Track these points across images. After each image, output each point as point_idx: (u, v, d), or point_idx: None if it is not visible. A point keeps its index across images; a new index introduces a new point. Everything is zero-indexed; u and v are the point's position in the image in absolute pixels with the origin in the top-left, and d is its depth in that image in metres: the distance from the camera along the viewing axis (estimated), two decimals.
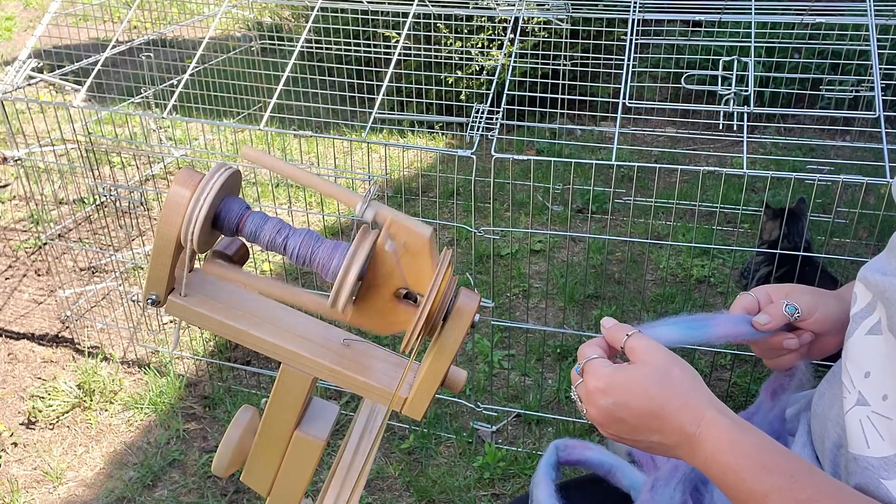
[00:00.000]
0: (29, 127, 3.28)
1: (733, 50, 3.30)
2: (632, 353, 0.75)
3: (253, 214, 0.67)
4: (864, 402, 0.72)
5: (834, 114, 2.25)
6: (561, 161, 2.98)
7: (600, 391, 0.73)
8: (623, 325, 0.77)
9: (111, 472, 1.98)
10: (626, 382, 0.72)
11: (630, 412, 0.71)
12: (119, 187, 2.20)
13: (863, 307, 0.77)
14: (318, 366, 0.71)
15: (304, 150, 3.55)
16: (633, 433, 0.73)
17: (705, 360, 2.29)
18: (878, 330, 0.73)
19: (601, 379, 0.73)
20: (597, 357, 0.76)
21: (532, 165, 2.00)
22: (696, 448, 0.69)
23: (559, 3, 2.44)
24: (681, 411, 0.70)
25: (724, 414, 0.70)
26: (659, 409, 0.70)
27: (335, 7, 3.09)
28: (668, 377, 0.71)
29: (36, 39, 2.15)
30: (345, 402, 2.13)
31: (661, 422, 0.70)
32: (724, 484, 0.68)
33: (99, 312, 2.52)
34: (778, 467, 0.66)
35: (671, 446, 0.71)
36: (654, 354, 0.73)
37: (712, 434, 0.68)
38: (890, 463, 0.68)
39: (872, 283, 0.75)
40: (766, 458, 0.67)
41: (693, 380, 0.72)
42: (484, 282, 2.60)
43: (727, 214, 3.05)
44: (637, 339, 0.75)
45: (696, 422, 0.69)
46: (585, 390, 0.74)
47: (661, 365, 0.72)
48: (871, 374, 0.73)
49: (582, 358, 0.77)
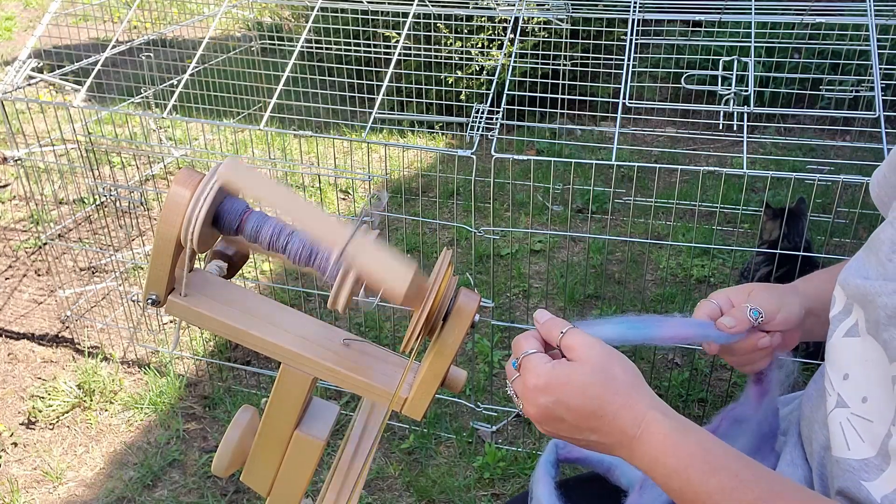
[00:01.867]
0: (29, 127, 3.28)
1: (733, 50, 3.30)
2: (569, 351, 0.71)
3: (253, 214, 0.67)
4: (844, 404, 0.72)
5: (834, 114, 2.25)
6: (561, 161, 2.98)
7: (539, 389, 0.70)
8: (559, 320, 0.74)
9: (111, 472, 1.98)
10: (567, 381, 0.69)
11: (569, 411, 0.69)
12: (119, 187, 2.20)
13: (840, 310, 0.77)
14: (318, 366, 0.71)
15: (304, 150, 3.55)
16: (571, 432, 0.71)
17: (705, 360, 2.29)
18: (856, 332, 0.73)
19: (540, 376, 0.70)
20: (535, 352, 0.72)
21: (532, 165, 2.00)
22: (636, 450, 0.68)
23: (559, 3, 2.44)
24: (621, 412, 0.68)
25: (666, 415, 0.68)
26: (599, 408, 0.68)
27: (335, 7, 3.09)
28: (609, 376, 0.69)
29: (36, 39, 2.15)
30: (345, 402, 2.13)
31: (600, 422, 0.69)
32: (668, 487, 0.67)
33: (99, 312, 2.52)
34: (724, 467, 0.65)
35: (611, 446, 0.70)
36: (594, 351, 0.70)
37: (654, 437, 0.67)
38: (870, 465, 0.68)
39: (852, 287, 0.74)
40: (712, 458, 0.65)
41: (634, 378, 0.70)
42: (484, 282, 2.60)
43: (727, 214, 3.04)
44: (574, 335, 0.72)
45: (636, 423, 0.68)
46: (523, 386, 0.71)
47: (600, 363, 0.70)
48: (849, 376, 0.72)
49: (518, 352, 0.73)
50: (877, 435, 0.68)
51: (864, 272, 0.74)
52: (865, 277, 0.73)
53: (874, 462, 0.68)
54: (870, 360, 0.70)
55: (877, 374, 0.69)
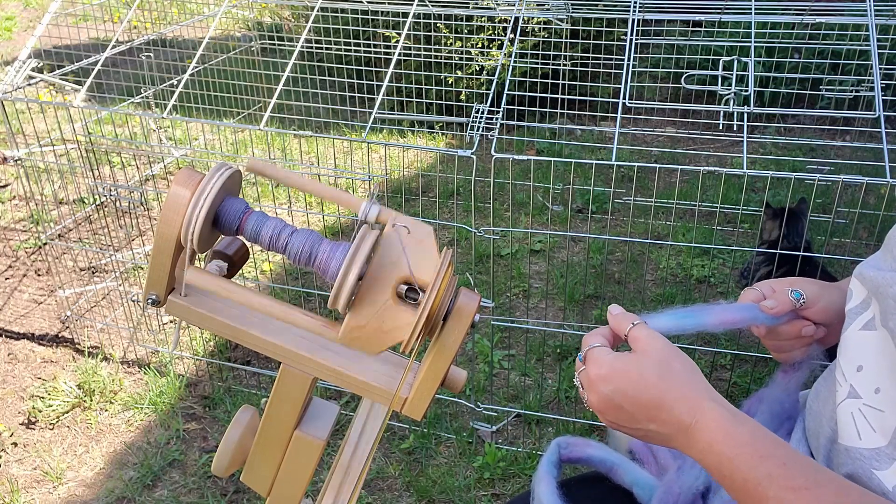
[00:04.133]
0: (29, 127, 3.28)
1: (733, 50, 3.30)
2: (634, 343, 0.76)
3: (253, 214, 0.67)
4: (856, 394, 0.73)
5: (834, 114, 2.25)
6: (561, 161, 2.98)
7: (601, 378, 0.74)
8: (629, 315, 0.79)
9: (111, 472, 1.98)
10: (626, 371, 0.73)
11: (629, 400, 0.72)
12: (119, 187, 2.20)
13: (858, 303, 0.78)
14: (318, 366, 0.70)
15: (304, 150, 3.55)
16: (630, 421, 0.74)
17: (705, 360, 2.29)
18: (873, 326, 0.74)
19: (602, 367, 0.74)
20: (599, 345, 0.77)
21: (532, 165, 2.00)
22: (691, 438, 0.70)
23: (559, 3, 2.44)
24: (678, 402, 0.71)
25: (721, 405, 0.71)
26: (657, 398, 0.71)
27: (335, 7, 3.09)
28: (668, 368, 0.73)
29: (36, 39, 2.15)
30: (345, 402, 2.13)
31: (658, 411, 0.72)
32: (720, 473, 0.69)
33: (99, 312, 2.52)
34: (772, 456, 0.67)
35: (668, 436, 0.72)
36: (656, 345, 0.75)
37: (708, 424, 0.70)
38: (881, 454, 0.70)
39: (868, 279, 0.77)
40: (761, 446, 0.67)
41: (692, 372, 0.73)
42: (484, 282, 2.60)
43: (727, 214, 3.05)
44: (640, 329, 0.77)
45: (692, 412, 0.70)
46: (587, 377, 0.76)
47: (661, 356, 0.74)
48: (863, 367, 0.74)
49: (585, 346, 0.78)
50: (889, 425, 0.69)
51: (879, 264, 0.77)
52: (879, 269, 0.75)
53: (886, 451, 0.69)
54: (883, 352, 0.71)
55: (888, 364, 0.70)
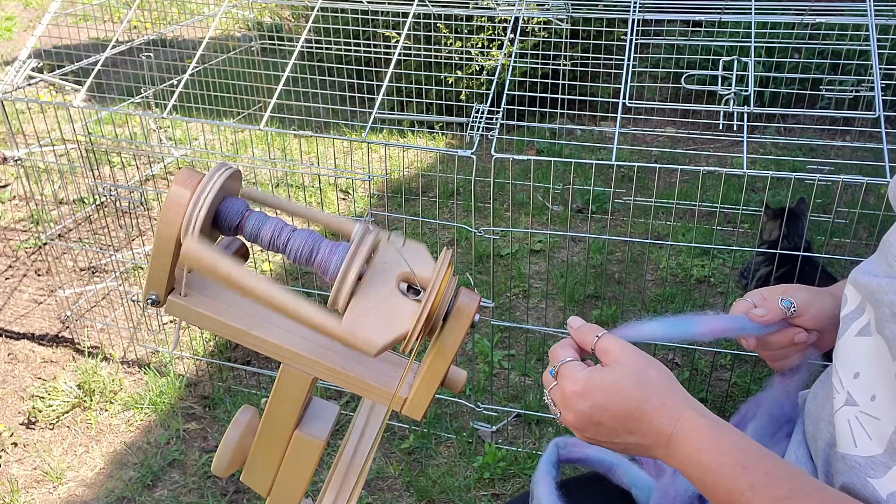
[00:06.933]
0: (29, 127, 3.28)
1: (733, 50, 3.30)
2: (604, 355, 0.74)
3: (253, 214, 0.67)
4: (853, 402, 0.73)
5: (834, 114, 2.25)
6: (561, 161, 2.98)
7: (577, 395, 0.72)
8: (592, 326, 0.76)
9: (111, 472, 1.98)
10: (603, 386, 0.71)
11: (608, 415, 0.71)
12: (119, 187, 2.20)
13: (853, 309, 0.77)
14: (318, 366, 0.70)
15: (304, 150, 3.55)
16: (610, 436, 0.72)
17: (705, 360, 2.29)
18: (868, 332, 0.73)
19: (577, 383, 0.72)
20: (571, 359, 0.75)
21: (532, 165, 2.00)
22: (672, 448, 0.70)
23: (559, 3, 2.44)
24: (658, 411, 0.70)
25: (702, 414, 0.70)
26: (637, 410, 0.70)
27: (335, 7, 3.09)
28: (645, 377, 0.71)
29: (36, 39, 2.15)
30: (345, 402, 2.13)
31: (639, 423, 0.70)
32: (703, 484, 0.68)
33: (99, 312, 2.52)
34: (755, 465, 0.66)
35: (649, 447, 0.71)
36: (629, 355, 0.72)
37: (690, 434, 0.69)
38: (877, 462, 0.69)
39: (862, 285, 0.75)
40: (744, 456, 0.67)
41: (669, 380, 0.72)
42: (484, 282, 2.60)
43: (727, 214, 3.04)
44: (608, 340, 0.74)
45: (673, 422, 0.69)
46: (561, 394, 0.73)
47: (636, 366, 0.72)
48: (860, 374, 0.73)
49: (555, 360, 0.75)
50: (884, 433, 0.68)
51: (873, 270, 0.75)
52: (874, 275, 0.74)
53: (881, 459, 0.68)
54: (878, 359, 0.71)
55: (883, 372, 0.69)
